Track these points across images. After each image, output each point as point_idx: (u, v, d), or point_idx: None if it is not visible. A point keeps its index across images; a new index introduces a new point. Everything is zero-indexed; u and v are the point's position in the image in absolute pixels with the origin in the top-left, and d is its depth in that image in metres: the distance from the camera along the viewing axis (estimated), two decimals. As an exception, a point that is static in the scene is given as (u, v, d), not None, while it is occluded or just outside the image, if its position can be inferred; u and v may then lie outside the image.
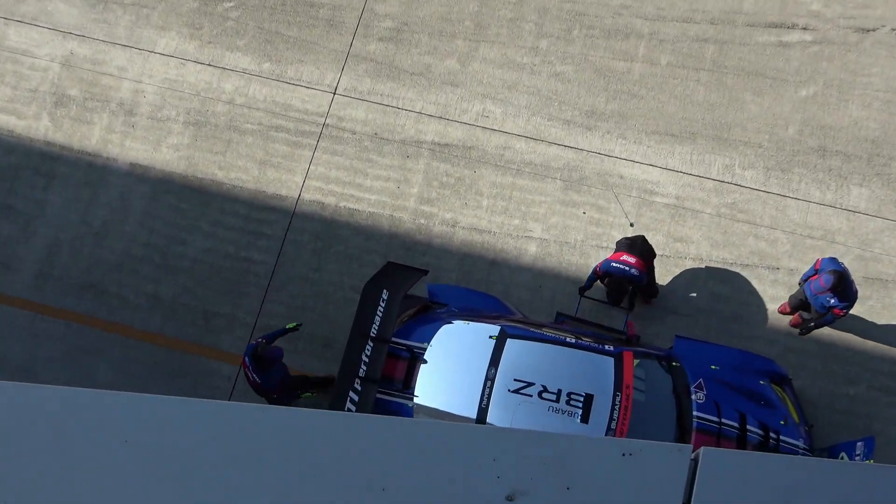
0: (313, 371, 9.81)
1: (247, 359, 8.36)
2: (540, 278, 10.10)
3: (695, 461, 3.63)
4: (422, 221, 10.43)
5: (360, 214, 10.53)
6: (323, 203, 10.60)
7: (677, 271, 10.00)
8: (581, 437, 3.66)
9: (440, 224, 10.41)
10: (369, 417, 3.93)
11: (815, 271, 8.78)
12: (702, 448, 3.61)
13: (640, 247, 9.11)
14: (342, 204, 10.58)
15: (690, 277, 9.96)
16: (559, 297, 9.98)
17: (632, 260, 8.94)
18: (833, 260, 8.70)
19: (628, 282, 8.88)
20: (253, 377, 8.43)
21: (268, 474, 3.64)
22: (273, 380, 8.53)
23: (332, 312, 10.04)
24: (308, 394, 8.84)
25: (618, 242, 9.29)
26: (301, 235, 10.49)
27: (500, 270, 10.17)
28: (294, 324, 8.88)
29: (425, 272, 9.06)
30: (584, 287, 9.24)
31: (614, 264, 8.95)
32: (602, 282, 9.18)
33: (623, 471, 3.62)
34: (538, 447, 3.68)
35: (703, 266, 10.01)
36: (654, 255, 9.26)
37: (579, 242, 10.20)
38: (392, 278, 8.83)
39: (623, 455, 3.62)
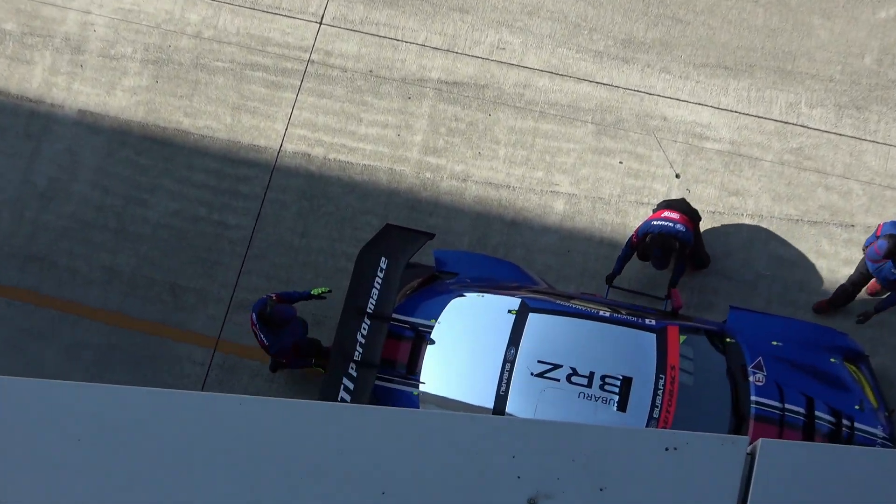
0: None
1: (254, 315, 8.52)
2: (568, 241, 10.09)
3: (751, 455, 3.64)
4: (427, 175, 10.41)
5: (353, 168, 10.50)
6: (309, 155, 10.57)
7: (733, 230, 9.97)
8: (617, 429, 3.68)
9: (449, 178, 10.39)
10: (366, 408, 3.96)
11: (877, 237, 8.75)
12: (760, 440, 3.62)
13: (682, 207, 9.13)
14: (332, 156, 10.56)
15: (748, 237, 9.93)
16: (591, 262, 9.97)
17: (675, 216, 8.96)
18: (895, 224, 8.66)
19: (674, 239, 8.89)
20: (260, 337, 8.63)
21: (247, 475, 3.66)
22: (283, 342, 8.73)
23: (322, 284, 10.07)
24: (322, 369, 8.96)
25: (656, 207, 9.29)
26: (284, 194, 10.48)
27: (520, 232, 10.15)
28: (322, 289, 8.99)
29: (431, 236, 9.06)
30: (614, 272, 9.24)
31: (656, 222, 8.96)
32: (640, 249, 9.18)
33: (667, 468, 3.64)
34: (566, 441, 3.70)
35: (763, 224, 9.97)
36: (699, 218, 9.25)
37: (615, 198, 10.17)
38: (392, 244, 8.83)
39: (666, 449, 3.63)
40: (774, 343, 8.54)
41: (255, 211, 10.45)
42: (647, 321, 8.34)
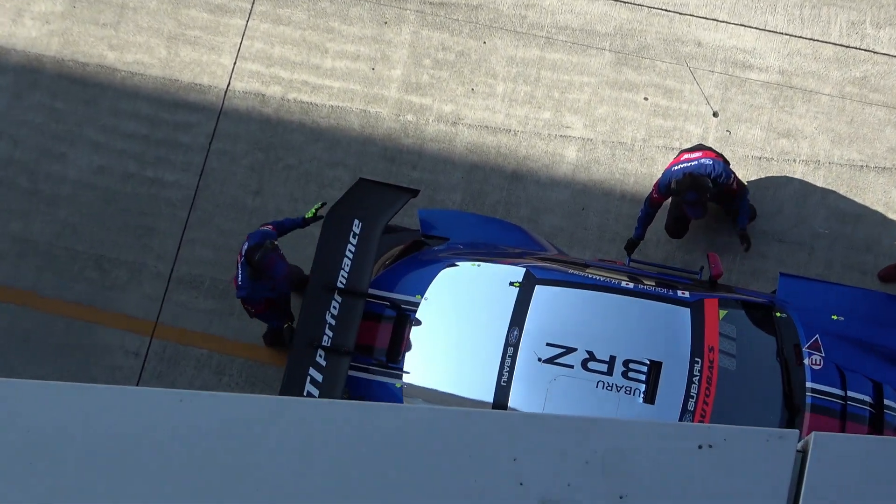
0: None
1: (244, 248, 8.72)
2: (583, 196, 10.10)
3: (803, 453, 3.68)
4: (409, 118, 10.39)
5: (318, 111, 10.48)
6: (263, 95, 10.54)
7: (783, 181, 9.99)
8: (639, 424, 3.71)
9: (436, 121, 10.37)
10: (336, 404, 3.98)
11: None
12: (813, 434, 3.66)
13: (702, 147, 9.21)
14: (291, 96, 10.53)
15: (802, 189, 9.96)
16: (610, 223, 9.99)
17: (697, 154, 9.03)
18: None
19: (705, 177, 8.86)
20: (237, 272, 8.81)
21: (190, 487, 3.69)
22: (256, 293, 8.87)
23: (283, 244, 10.08)
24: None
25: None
26: (233, 144, 10.46)
27: (524, 186, 10.16)
28: (314, 208, 9.09)
29: (415, 192, 9.06)
30: (635, 237, 9.33)
31: (677, 167, 9.02)
32: (672, 217, 9.22)
33: (700, 469, 3.67)
34: (578, 440, 3.73)
35: (820, 172, 9.99)
36: (726, 161, 9.29)
37: (639, 142, 10.17)
38: (367, 203, 8.84)
39: (700, 447, 3.66)
40: (835, 317, 8.58)
41: (199, 165, 10.43)
42: (679, 293, 8.38)
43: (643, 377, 8.06)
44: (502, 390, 8.14)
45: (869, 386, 8.29)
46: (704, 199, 9.05)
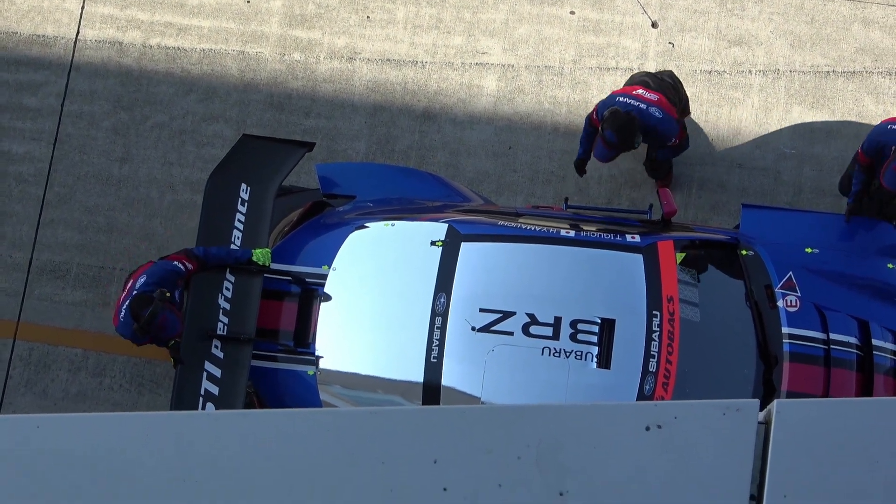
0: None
1: (138, 283, 8.21)
2: (508, 133, 10.12)
3: (765, 424, 3.74)
4: (296, 58, 10.34)
5: (187, 57, 10.40)
6: (121, 43, 10.44)
7: (740, 96, 10.06)
8: (574, 408, 3.75)
9: (328, 58, 10.33)
10: (223, 416, 3.98)
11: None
12: (774, 402, 3.71)
13: (667, 86, 9.16)
14: (154, 41, 10.43)
15: (762, 104, 10.04)
16: (542, 161, 10.02)
17: (653, 96, 8.95)
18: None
19: (637, 122, 8.80)
20: (120, 302, 8.35)
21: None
22: (135, 336, 8.37)
23: (159, 230, 10.05)
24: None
25: (631, 77, 9.31)
26: (90, 104, 10.37)
27: (439, 127, 10.16)
28: (264, 255, 8.57)
29: (311, 145, 9.05)
30: (581, 157, 9.36)
31: (622, 98, 8.92)
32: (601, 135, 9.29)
33: (650, 454, 3.72)
34: (506, 433, 3.76)
35: (780, 82, 10.07)
36: (685, 109, 9.31)
37: (569, 64, 10.19)
38: (254, 162, 8.82)
39: (647, 429, 3.71)
40: (809, 250, 8.68)
41: (52, 132, 10.34)
42: (627, 238, 8.43)
43: (595, 339, 8.13)
44: (433, 368, 8.18)
45: (853, 325, 8.40)
46: (622, 146, 8.86)
